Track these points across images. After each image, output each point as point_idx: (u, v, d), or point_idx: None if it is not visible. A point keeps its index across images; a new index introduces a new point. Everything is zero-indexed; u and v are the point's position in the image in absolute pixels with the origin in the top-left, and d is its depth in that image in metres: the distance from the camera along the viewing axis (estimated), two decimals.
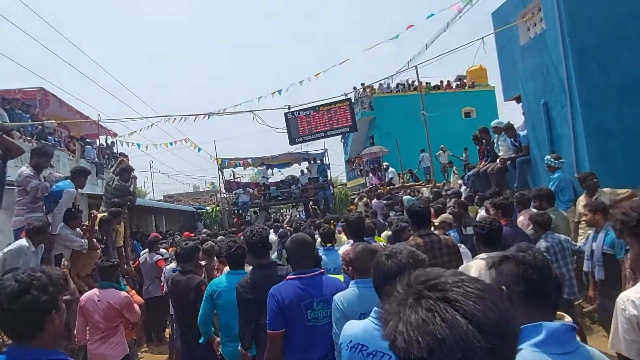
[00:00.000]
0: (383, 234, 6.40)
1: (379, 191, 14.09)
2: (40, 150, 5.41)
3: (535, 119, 7.58)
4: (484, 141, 9.22)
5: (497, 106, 23.09)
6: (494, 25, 9.45)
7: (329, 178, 19.86)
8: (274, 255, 6.78)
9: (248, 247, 3.40)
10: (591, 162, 6.45)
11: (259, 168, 21.56)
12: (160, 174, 61.99)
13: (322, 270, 2.93)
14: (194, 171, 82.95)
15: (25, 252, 4.56)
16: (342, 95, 9.60)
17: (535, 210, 5.11)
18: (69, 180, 5.70)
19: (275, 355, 2.77)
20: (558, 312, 1.51)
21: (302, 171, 20.51)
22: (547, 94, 7.26)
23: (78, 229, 5.76)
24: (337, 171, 32.82)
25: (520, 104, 8.55)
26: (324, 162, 19.79)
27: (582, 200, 5.73)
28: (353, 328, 1.94)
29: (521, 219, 5.40)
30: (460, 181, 10.43)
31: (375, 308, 1.95)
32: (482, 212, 6.24)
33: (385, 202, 11.98)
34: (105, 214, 6.64)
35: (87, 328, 4.37)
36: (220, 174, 19.11)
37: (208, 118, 9.20)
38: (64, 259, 5.51)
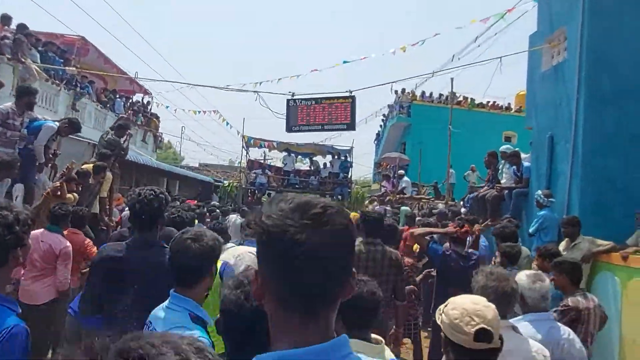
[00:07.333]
0: None
1: (387, 198, 13.84)
2: (22, 88, 5.61)
3: (540, 151, 7.16)
4: (491, 166, 8.83)
5: None
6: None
7: (349, 176, 19.69)
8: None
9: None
10: (581, 207, 6.02)
11: (284, 154, 21.66)
12: (191, 142, 63.22)
13: None
14: (220, 144, 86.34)
15: None
16: (347, 91, 9.39)
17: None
18: (52, 120, 5.93)
19: None
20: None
21: (324, 164, 20.43)
22: (555, 127, 6.83)
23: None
24: (367, 171, 32.63)
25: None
26: (348, 159, 19.61)
27: (562, 245, 5.42)
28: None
29: None
30: (461, 202, 10.07)
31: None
32: None
33: (388, 208, 11.81)
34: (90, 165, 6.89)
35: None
36: (244, 151, 19.34)
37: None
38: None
